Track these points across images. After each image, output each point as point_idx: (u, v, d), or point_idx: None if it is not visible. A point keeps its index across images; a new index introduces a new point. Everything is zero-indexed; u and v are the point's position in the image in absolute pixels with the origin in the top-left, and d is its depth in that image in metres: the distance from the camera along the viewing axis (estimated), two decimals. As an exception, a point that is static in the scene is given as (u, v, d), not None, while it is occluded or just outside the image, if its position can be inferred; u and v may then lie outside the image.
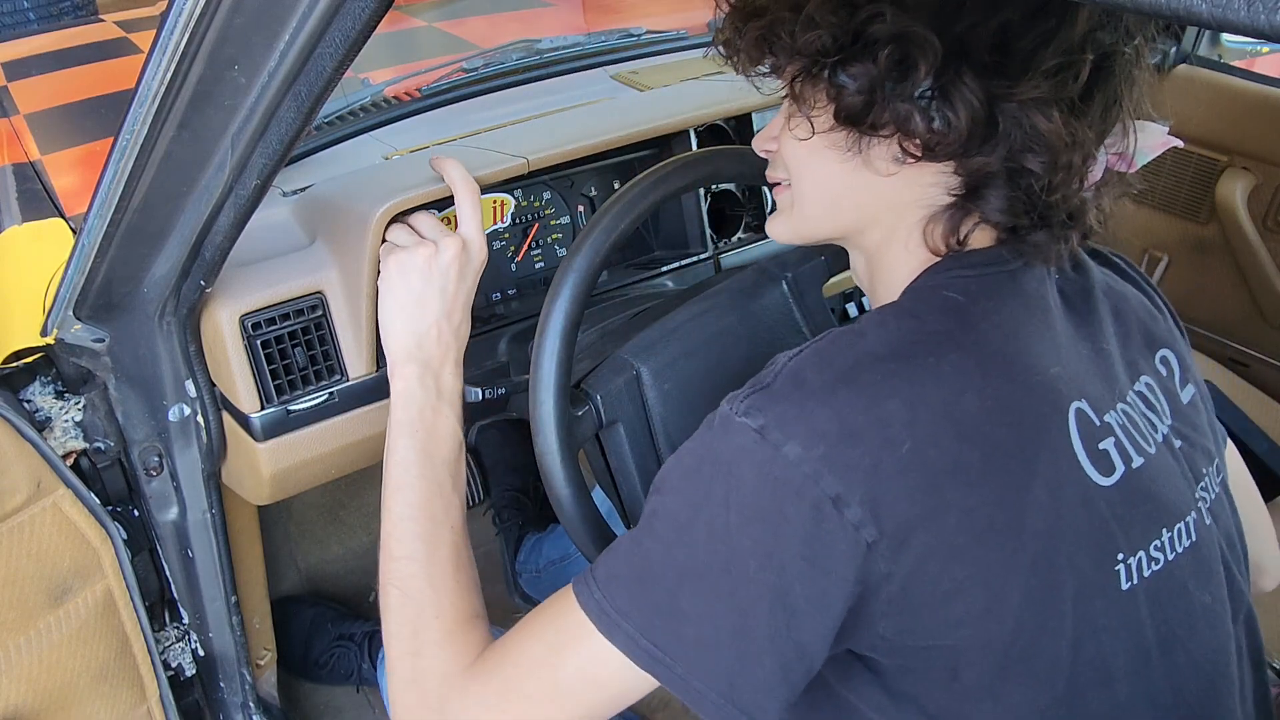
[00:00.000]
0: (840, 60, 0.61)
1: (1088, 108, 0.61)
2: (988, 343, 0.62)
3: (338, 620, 1.62)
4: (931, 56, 0.58)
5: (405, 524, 0.79)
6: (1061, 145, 0.60)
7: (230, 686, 1.24)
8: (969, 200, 0.64)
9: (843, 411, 0.58)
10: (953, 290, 0.65)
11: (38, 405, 1.06)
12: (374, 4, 0.54)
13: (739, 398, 0.61)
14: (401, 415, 0.84)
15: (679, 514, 0.61)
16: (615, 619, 0.61)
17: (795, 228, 0.74)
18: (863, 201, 0.68)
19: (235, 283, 0.97)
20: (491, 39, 2.05)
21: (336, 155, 1.26)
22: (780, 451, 0.57)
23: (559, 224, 1.22)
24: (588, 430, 0.89)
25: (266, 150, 0.70)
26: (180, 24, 0.59)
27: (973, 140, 0.60)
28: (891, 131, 0.62)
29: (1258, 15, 0.26)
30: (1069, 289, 0.72)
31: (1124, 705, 0.63)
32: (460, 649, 0.72)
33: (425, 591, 0.76)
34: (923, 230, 0.67)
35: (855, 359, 0.61)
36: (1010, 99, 0.59)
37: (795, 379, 0.60)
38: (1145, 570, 0.63)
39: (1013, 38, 0.59)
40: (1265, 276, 1.76)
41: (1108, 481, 0.63)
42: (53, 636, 1.00)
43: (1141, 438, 0.67)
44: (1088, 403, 0.64)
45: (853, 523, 0.56)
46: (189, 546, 1.14)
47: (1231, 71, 1.77)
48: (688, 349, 0.94)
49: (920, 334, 0.62)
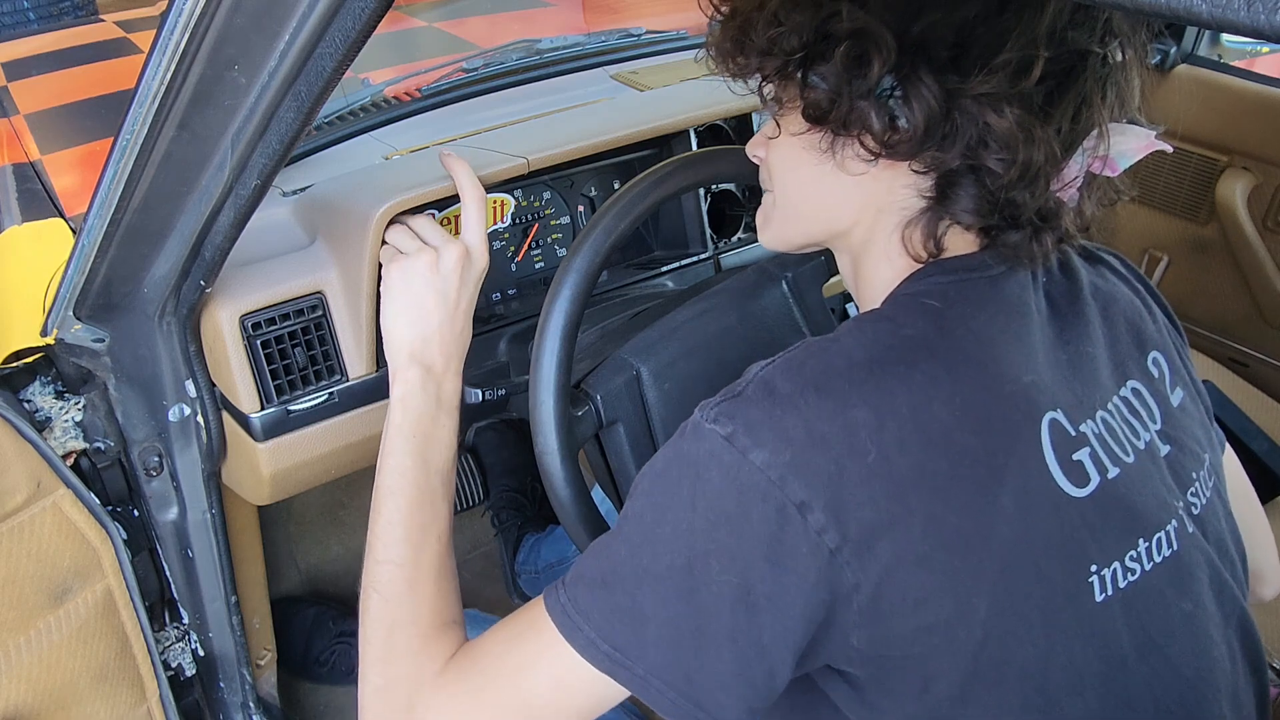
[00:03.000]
0: (805, 58, 0.62)
1: (1052, 108, 0.61)
2: (961, 349, 0.62)
3: (338, 619, 1.62)
4: (886, 53, 0.59)
5: (394, 529, 0.79)
6: (1016, 142, 0.59)
7: (230, 686, 1.24)
8: (939, 203, 0.64)
9: (810, 418, 0.58)
10: (931, 297, 0.65)
11: (38, 405, 1.06)
12: (374, 4, 0.54)
13: (711, 405, 0.61)
14: (400, 420, 0.83)
15: (646, 516, 0.61)
16: (577, 622, 0.61)
17: (776, 232, 0.75)
18: (839, 204, 0.69)
19: (235, 283, 0.97)
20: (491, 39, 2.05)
21: (336, 155, 1.26)
22: (747, 457, 0.57)
23: (559, 224, 1.22)
24: (588, 430, 0.89)
25: (266, 150, 0.70)
26: (180, 24, 0.59)
27: (930, 137, 0.60)
28: (857, 130, 0.62)
29: (1258, 15, 0.26)
30: (1055, 292, 0.71)
31: (1099, 713, 0.62)
32: (433, 654, 0.71)
33: (405, 598, 0.76)
34: (901, 236, 0.67)
35: (826, 366, 0.61)
36: (963, 95, 0.59)
37: (766, 386, 0.60)
38: (1121, 581, 0.63)
39: (971, 34, 0.59)
40: (1265, 276, 1.76)
41: (1081, 492, 0.62)
42: (53, 636, 1.00)
43: (1120, 447, 0.66)
44: (1063, 412, 0.64)
45: (815, 529, 0.56)
46: (189, 546, 1.14)
47: (1231, 71, 1.77)
48: (688, 349, 0.94)
49: (894, 339, 0.62)
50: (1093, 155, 0.65)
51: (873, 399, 0.59)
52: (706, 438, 0.59)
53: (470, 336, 0.90)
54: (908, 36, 0.59)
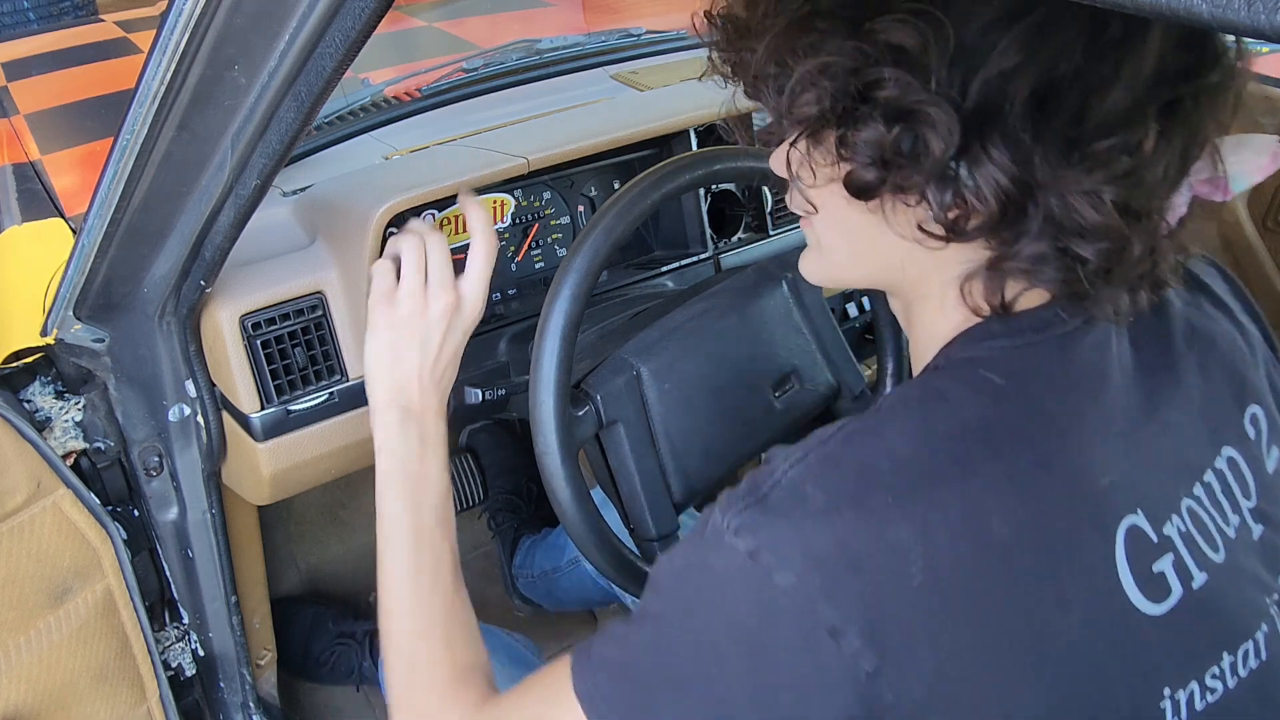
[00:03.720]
0: (841, 130, 0.53)
1: (1158, 161, 0.50)
2: (1028, 444, 0.53)
3: (338, 619, 1.62)
4: (946, 135, 0.49)
5: (396, 578, 0.80)
6: (1119, 231, 0.50)
7: (230, 686, 1.24)
8: (1013, 265, 0.54)
9: (845, 537, 0.51)
10: (992, 369, 0.56)
11: (38, 405, 1.06)
12: (374, 4, 0.54)
13: (733, 508, 0.54)
14: (386, 466, 0.83)
15: (664, 616, 0.57)
16: (602, 709, 0.58)
17: (825, 270, 0.66)
18: (888, 256, 0.60)
19: (235, 283, 0.97)
20: (491, 39, 2.05)
21: (336, 155, 1.26)
22: (772, 579, 0.52)
23: (559, 224, 1.22)
24: (588, 430, 0.89)
25: (266, 150, 0.69)
26: (180, 24, 0.59)
27: (1005, 221, 0.51)
28: (914, 200, 0.53)
29: (1258, 15, 0.26)
30: (1144, 339, 0.60)
31: None
32: (454, 707, 0.71)
33: (419, 650, 0.76)
34: (959, 288, 0.58)
35: (866, 469, 0.53)
36: (1052, 188, 0.49)
37: (795, 494, 0.53)
38: (1198, 703, 0.54)
39: (1054, 93, 0.48)
40: (1265, 276, 1.76)
41: (1159, 609, 0.54)
42: (53, 636, 1.00)
43: (1209, 542, 0.57)
44: (1145, 514, 0.54)
45: (849, 653, 0.51)
46: (189, 546, 1.14)
47: (1231, 71, 1.77)
48: (688, 349, 0.94)
49: (948, 429, 0.54)
50: (1200, 180, 0.54)
51: (920, 515, 0.51)
52: (728, 551, 0.53)
53: (454, 377, 0.88)
54: (971, 103, 0.49)
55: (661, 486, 0.92)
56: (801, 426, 1.04)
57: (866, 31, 0.50)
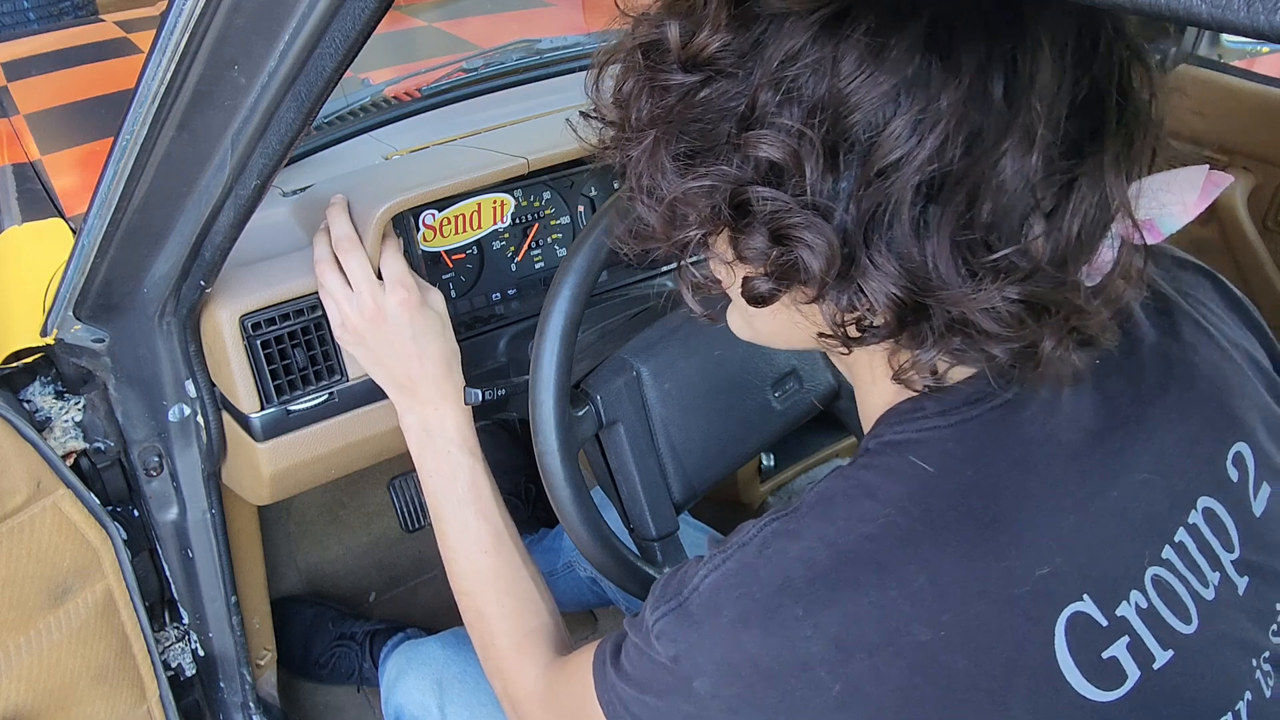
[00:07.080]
0: (733, 234, 0.50)
1: (1061, 221, 0.46)
2: (952, 543, 0.50)
3: (338, 620, 1.62)
4: (825, 253, 0.46)
5: (452, 563, 0.90)
6: (1022, 321, 0.47)
7: (230, 686, 1.24)
8: (927, 354, 0.51)
9: (756, 654, 0.51)
10: (923, 454, 0.52)
11: (38, 405, 1.06)
12: (374, 4, 0.54)
13: (659, 608, 0.55)
14: (418, 463, 0.91)
15: (633, 684, 0.61)
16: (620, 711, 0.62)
17: (750, 335, 0.63)
18: (808, 340, 0.57)
19: (235, 283, 0.97)
20: (491, 39, 2.05)
21: (336, 155, 1.26)
22: (691, 686, 0.53)
23: (559, 224, 1.22)
24: (588, 430, 0.89)
25: (266, 150, 0.70)
26: (180, 24, 0.59)
27: (904, 326, 0.49)
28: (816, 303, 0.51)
29: (1258, 15, 0.26)
30: (1110, 386, 0.55)
31: None
32: (521, 669, 0.82)
33: (479, 622, 0.88)
34: (887, 360, 0.54)
35: (780, 582, 0.51)
36: (944, 301, 0.47)
37: (710, 603, 0.53)
38: None
39: (938, 192, 0.44)
40: (1265, 277, 1.76)
41: (1112, 696, 0.50)
42: (53, 636, 1.00)
43: (1177, 615, 0.53)
44: (1093, 598, 0.51)
45: None
46: (189, 546, 1.14)
47: (1231, 71, 1.77)
48: (688, 349, 0.94)
49: (869, 530, 0.51)
50: (1125, 228, 0.49)
51: (833, 629, 0.49)
52: (653, 652, 0.56)
53: (457, 355, 0.92)
54: (854, 215, 0.45)
55: (661, 486, 0.93)
56: (801, 427, 1.04)
57: (739, 145, 0.47)
